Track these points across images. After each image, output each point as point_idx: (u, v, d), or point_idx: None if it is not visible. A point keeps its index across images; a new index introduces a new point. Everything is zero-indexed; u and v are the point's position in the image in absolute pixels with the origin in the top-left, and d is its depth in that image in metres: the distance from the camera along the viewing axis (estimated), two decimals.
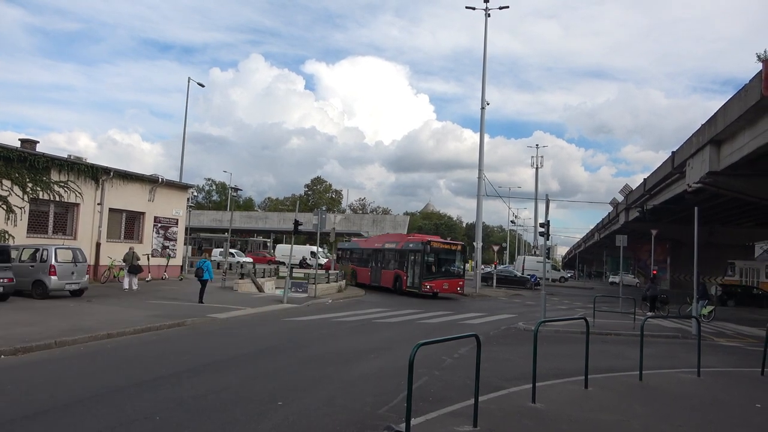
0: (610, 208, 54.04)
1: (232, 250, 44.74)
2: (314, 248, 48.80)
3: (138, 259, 21.93)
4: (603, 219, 63.84)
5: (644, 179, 36.55)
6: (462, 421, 6.31)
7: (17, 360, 9.28)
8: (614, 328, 17.21)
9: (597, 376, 9.10)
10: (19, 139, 23.48)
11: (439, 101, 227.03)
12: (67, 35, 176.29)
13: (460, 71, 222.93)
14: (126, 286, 21.16)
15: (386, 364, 10.21)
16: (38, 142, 23.79)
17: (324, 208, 28.05)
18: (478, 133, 35.65)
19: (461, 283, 28.35)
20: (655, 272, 31.85)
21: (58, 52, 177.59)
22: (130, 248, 22.29)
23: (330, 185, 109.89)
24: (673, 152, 27.90)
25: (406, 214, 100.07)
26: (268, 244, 66.88)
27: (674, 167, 27.48)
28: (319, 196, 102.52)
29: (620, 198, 45.91)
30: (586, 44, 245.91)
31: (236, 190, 55.76)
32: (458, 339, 6.55)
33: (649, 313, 21.08)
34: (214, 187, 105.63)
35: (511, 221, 79.38)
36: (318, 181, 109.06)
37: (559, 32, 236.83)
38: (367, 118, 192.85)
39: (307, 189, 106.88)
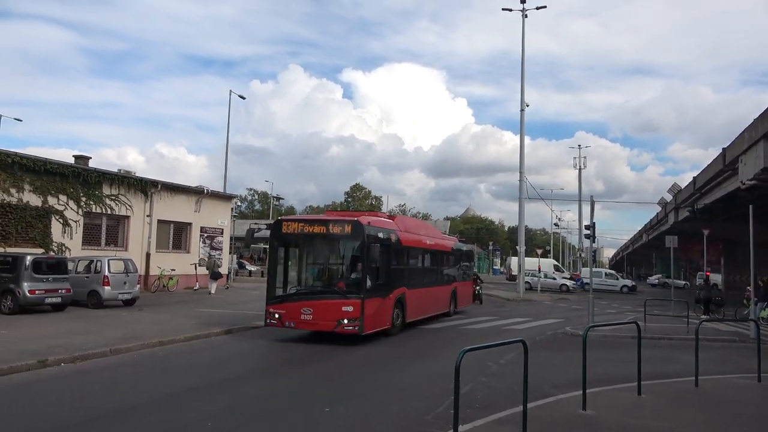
0: (658, 209, 52.37)
1: None
2: None
3: (219, 266, 22.78)
4: (651, 220, 61.92)
5: (694, 178, 35.26)
6: (510, 429, 6.21)
7: (75, 368, 9.67)
8: (667, 332, 16.62)
9: (650, 383, 8.79)
10: (73, 156, 24.56)
11: (477, 105, 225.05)
12: (115, 55, 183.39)
13: (497, 74, 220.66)
14: (213, 291, 22.80)
15: (430, 371, 10.16)
16: (90, 157, 24.83)
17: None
18: (519, 136, 35.17)
19: (348, 309, 12.55)
20: (708, 273, 30.67)
21: (107, 71, 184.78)
22: (210, 256, 23.23)
23: (370, 192, 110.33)
24: (723, 149, 26.84)
25: (447, 218, 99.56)
26: None
27: (726, 164, 26.42)
28: (359, 203, 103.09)
29: (668, 197, 44.44)
30: (627, 41, 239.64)
31: (278, 199, 56.92)
32: (504, 345, 6.45)
33: (704, 316, 20.31)
34: (256, 196, 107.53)
35: (555, 224, 77.89)
36: (357, 188, 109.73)
37: (598, 30, 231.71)
38: (405, 124, 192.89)
39: (347, 196, 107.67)
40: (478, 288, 25.81)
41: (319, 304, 12.75)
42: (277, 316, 12.98)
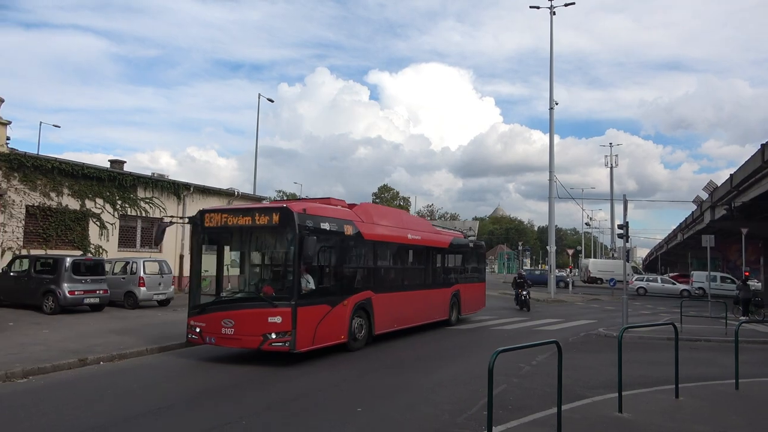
0: (693, 207, 51.04)
1: None
2: None
3: None
4: (686, 218, 60.34)
5: (731, 175, 34.26)
6: (545, 431, 6.15)
7: (114, 366, 9.93)
8: (704, 333, 16.19)
9: (688, 385, 8.60)
10: (109, 160, 25.31)
11: (505, 104, 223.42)
12: (147, 61, 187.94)
13: (525, 72, 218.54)
14: None
15: (462, 372, 10.12)
16: (125, 162, 25.57)
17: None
18: (548, 135, 34.83)
19: (275, 320, 10.09)
20: (747, 273, 29.76)
21: (139, 77, 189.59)
22: None
23: (397, 193, 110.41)
24: (762, 145, 26.01)
25: (475, 219, 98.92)
26: None
27: (764, 161, 25.61)
28: (387, 204, 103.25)
29: (704, 195, 43.24)
30: (660, 36, 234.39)
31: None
32: (537, 346, 6.39)
33: (743, 318, 19.73)
34: (285, 198, 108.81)
35: (586, 223, 76.71)
36: (385, 189, 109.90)
37: (629, 25, 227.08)
38: (432, 124, 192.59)
39: (374, 197, 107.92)
40: (524, 293, 23.27)
41: (242, 314, 10.15)
42: (197, 330, 10.54)
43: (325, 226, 11.01)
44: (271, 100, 43.34)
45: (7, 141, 18.54)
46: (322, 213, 11.27)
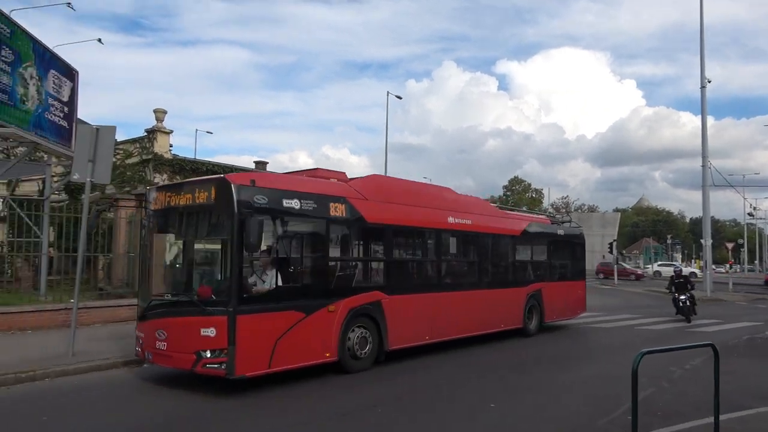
0: None
1: None
2: None
3: None
4: None
5: None
6: None
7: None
8: None
9: None
10: (254, 162, 27.42)
11: (648, 85, 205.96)
12: (285, 67, 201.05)
13: (670, 49, 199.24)
14: None
15: (604, 372, 9.55)
16: (268, 162, 27.52)
17: (524, 208, 27.25)
18: (699, 116, 31.50)
19: (208, 333, 7.43)
20: None
21: (278, 83, 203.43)
22: None
23: (529, 184, 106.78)
24: None
25: (617, 210, 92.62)
26: None
27: None
28: (519, 196, 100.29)
29: None
30: None
31: None
32: (689, 348, 5.81)
33: None
34: None
35: (749, 214, 68.34)
36: (516, 181, 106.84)
37: None
38: (565, 112, 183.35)
39: (505, 190, 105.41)
40: (683, 297, 17.55)
41: (173, 323, 7.82)
42: (141, 341, 8.41)
43: (292, 203, 8.22)
44: (399, 97, 44.39)
45: (170, 148, 20.80)
46: (288, 186, 8.55)
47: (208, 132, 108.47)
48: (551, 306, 14.21)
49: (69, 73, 14.96)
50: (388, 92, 40.35)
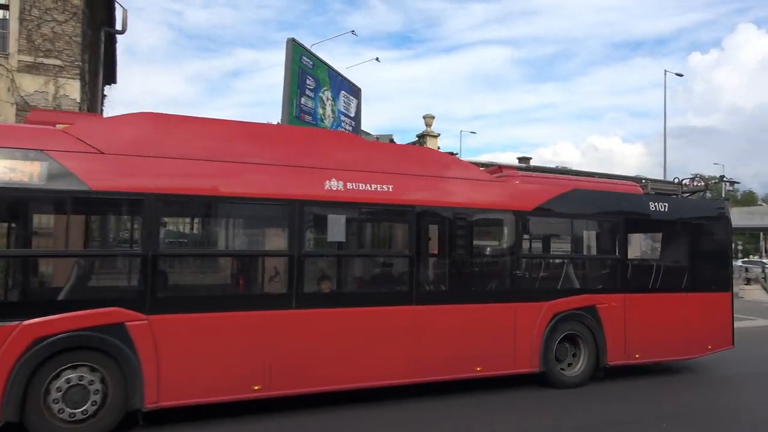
0: None
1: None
2: None
3: None
4: None
5: None
6: None
7: None
8: None
9: None
10: (517, 158, 27.50)
11: None
12: (545, 59, 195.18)
13: None
14: None
15: None
16: (531, 158, 27.25)
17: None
18: None
19: None
20: None
21: (538, 75, 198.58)
22: None
23: None
24: None
25: None
26: None
27: None
28: None
29: None
30: None
31: (732, 183, 49.12)
32: None
33: None
34: (699, 182, 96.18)
35: None
36: None
37: None
38: None
39: None
40: None
41: None
42: None
43: None
44: (680, 75, 39.59)
45: (438, 149, 22.27)
46: None
47: (471, 132, 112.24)
48: (631, 334, 8.14)
49: (354, 91, 17.19)
50: (665, 70, 36.05)
